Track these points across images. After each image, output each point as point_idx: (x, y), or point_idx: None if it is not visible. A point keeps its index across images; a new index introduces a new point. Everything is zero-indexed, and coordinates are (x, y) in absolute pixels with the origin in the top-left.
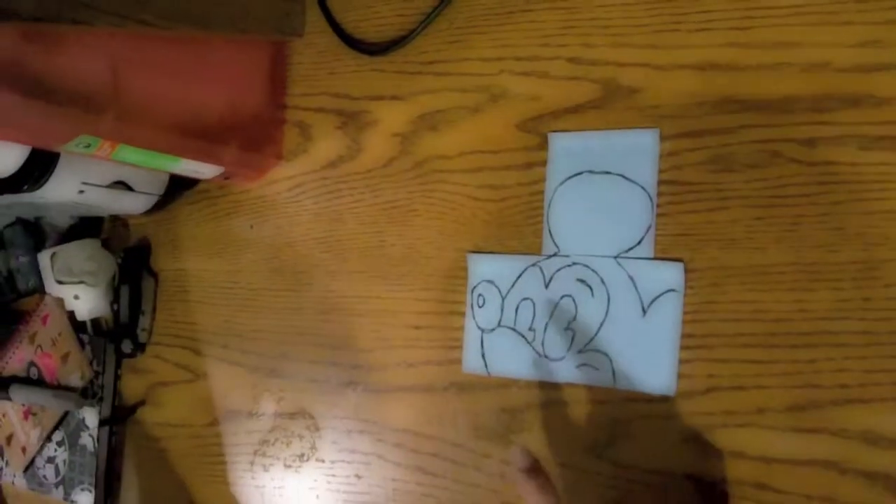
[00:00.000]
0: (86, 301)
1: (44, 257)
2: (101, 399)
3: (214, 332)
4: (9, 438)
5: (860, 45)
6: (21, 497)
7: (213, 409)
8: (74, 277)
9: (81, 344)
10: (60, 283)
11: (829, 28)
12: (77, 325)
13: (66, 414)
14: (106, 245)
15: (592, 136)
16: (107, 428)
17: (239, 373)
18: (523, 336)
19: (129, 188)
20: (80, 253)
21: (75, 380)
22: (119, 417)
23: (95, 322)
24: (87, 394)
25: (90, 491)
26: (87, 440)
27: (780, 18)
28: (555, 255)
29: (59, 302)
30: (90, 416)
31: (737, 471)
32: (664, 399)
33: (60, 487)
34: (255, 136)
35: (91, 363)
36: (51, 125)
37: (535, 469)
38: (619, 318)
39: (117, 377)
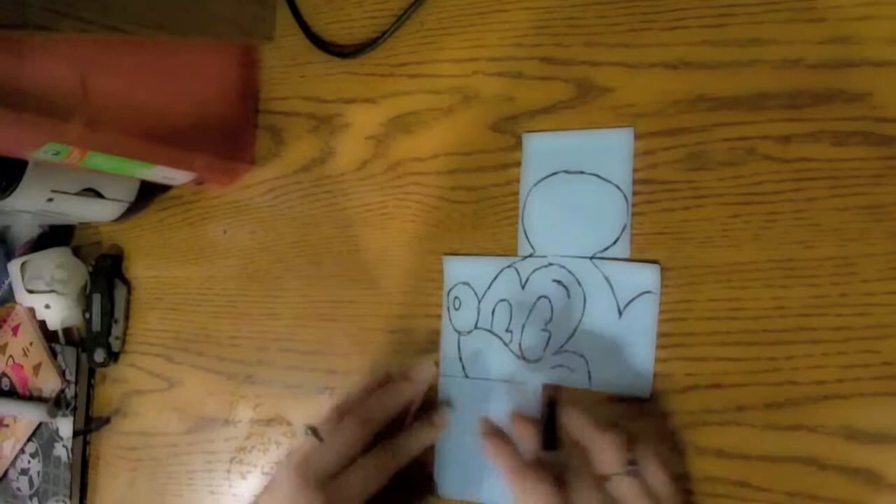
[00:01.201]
0: (57, 310)
1: (14, 266)
2: (74, 409)
3: (189, 340)
4: None
5: (832, 42)
6: None
7: (188, 418)
8: (45, 286)
9: (53, 353)
10: (31, 292)
11: (801, 25)
12: (49, 335)
13: (39, 425)
14: (76, 253)
15: (567, 135)
16: (81, 438)
17: (215, 380)
18: (500, 338)
19: (100, 195)
20: (51, 262)
21: (48, 390)
22: (93, 427)
23: (67, 331)
24: (60, 404)
25: (65, 502)
26: (61, 451)
27: (753, 16)
28: (530, 255)
29: (30, 311)
30: (64, 427)
31: (717, 469)
32: (641, 400)
33: (35, 499)
34: (226, 141)
35: (63, 373)
36: (18, 133)
37: (496, 433)
38: (596, 320)
39: (91, 387)
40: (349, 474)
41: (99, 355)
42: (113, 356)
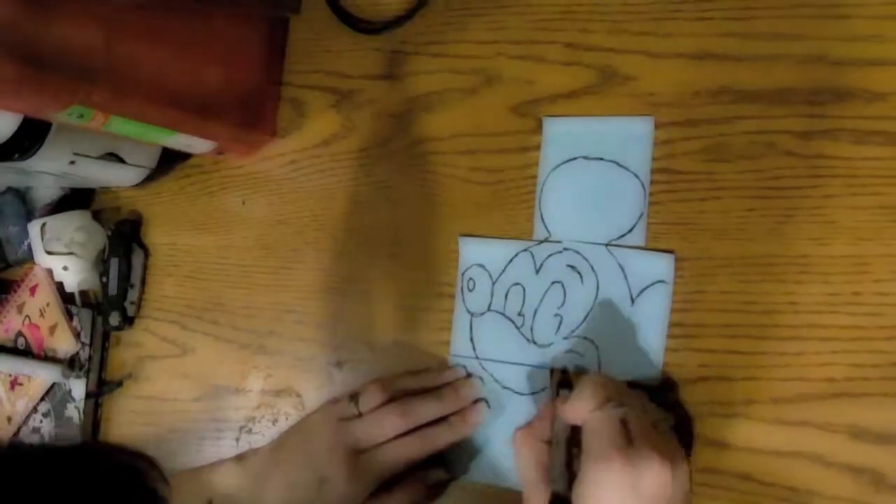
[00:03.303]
0: (75, 272)
1: (34, 227)
2: (87, 371)
3: (204, 308)
4: None
5: (856, 40)
6: None
7: (200, 385)
8: (64, 248)
9: (69, 315)
10: (50, 253)
11: (826, 21)
12: (65, 297)
13: (52, 385)
14: (96, 217)
15: (587, 121)
16: (93, 400)
17: (227, 349)
18: (512, 321)
19: (121, 160)
20: (70, 224)
21: (62, 351)
22: (106, 390)
23: (84, 294)
24: (74, 365)
25: None
26: (73, 412)
27: (779, 10)
28: (546, 240)
29: (48, 272)
30: (77, 388)
31: (722, 461)
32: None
33: None
34: (249, 112)
35: (79, 335)
36: (43, 94)
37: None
38: (608, 307)
39: (105, 350)
40: (378, 453)
41: (114, 319)
42: (128, 320)
